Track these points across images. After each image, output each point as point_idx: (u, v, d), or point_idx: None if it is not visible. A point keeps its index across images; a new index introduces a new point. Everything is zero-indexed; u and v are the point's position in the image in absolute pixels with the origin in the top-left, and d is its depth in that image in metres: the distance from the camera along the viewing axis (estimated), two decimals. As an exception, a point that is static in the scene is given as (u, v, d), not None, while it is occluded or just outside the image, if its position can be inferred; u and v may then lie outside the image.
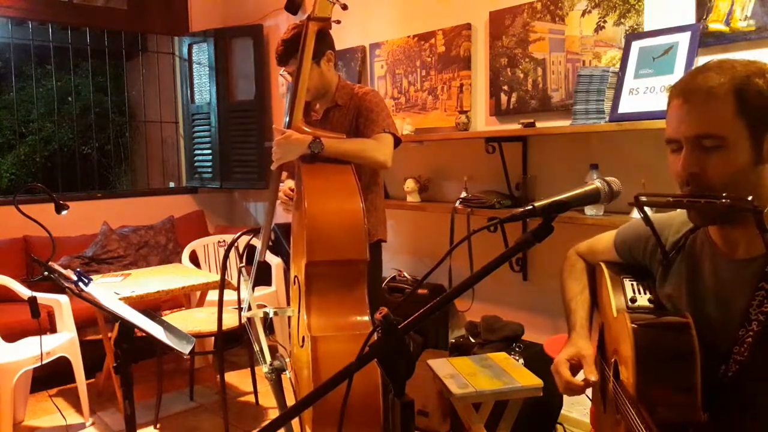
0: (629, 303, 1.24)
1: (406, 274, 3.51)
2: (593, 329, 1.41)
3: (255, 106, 4.71)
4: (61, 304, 3.16)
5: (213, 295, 3.60)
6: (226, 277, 2.91)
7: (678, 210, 1.25)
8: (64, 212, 2.86)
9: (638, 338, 1.11)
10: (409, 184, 3.39)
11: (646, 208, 1.17)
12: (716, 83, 1.05)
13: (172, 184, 5.38)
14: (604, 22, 2.66)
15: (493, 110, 3.14)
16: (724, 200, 0.99)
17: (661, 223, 1.26)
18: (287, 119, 2.28)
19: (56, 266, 1.69)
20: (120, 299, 2.13)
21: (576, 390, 1.26)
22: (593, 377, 1.24)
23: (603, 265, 1.38)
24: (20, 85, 6.51)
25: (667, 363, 1.10)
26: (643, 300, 1.24)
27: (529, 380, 2.25)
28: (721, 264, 1.14)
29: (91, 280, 1.69)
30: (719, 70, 1.07)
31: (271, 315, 2.31)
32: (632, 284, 1.29)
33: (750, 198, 0.97)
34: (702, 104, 1.05)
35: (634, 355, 1.10)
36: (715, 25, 2.32)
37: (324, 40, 2.29)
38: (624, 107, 2.47)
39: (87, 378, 3.18)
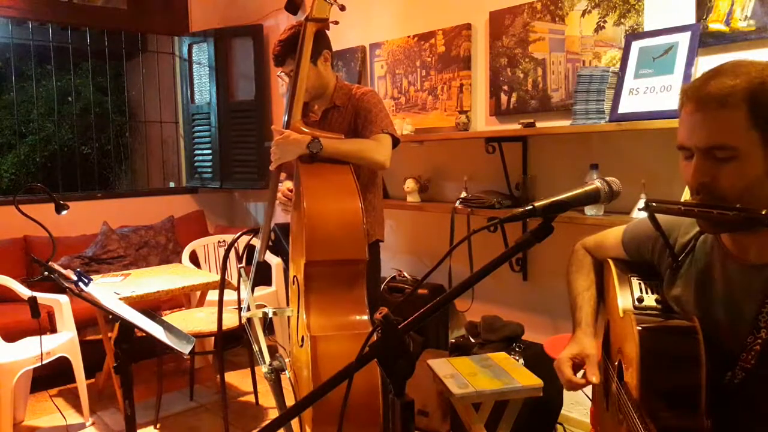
0: (636, 303, 1.23)
1: (406, 274, 3.51)
2: (599, 326, 1.40)
3: (255, 106, 4.71)
4: (61, 304, 3.16)
5: (213, 295, 3.60)
6: (226, 277, 2.91)
7: None
8: (64, 212, 2.86)
9: (644, 341, 1.10)
10: (409, 184, 3.39)
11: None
12: (729, 90, 1.00)
13: (172, 184, 5.38)
14: (604, 22, 2.66)
15: (493, 110, 3.13)
16: (736, 213, 0.97)
17: (669, 223, 1.23)
18: (286, 119, 2.28)
19: (56, 266, 1.69)
20: (120, 299, 2.13)
21: (577, 388, 1.27)
22: (595, 379, 1.24)
23: (611, 263, 1.37)
24: (20, 85, 6.51)
25: (672, 367, 1.09)
26: (650, 300, 1.23)
27: (529, 380, 2.25)
28: (732, 268, 1.12)
29: (91, 280, 1.69)
30: (733, 74, 1.02)
31: (270, 315, 2.30)
32: (640, 283, 1.28)
33: (764, 212, 0.94)
34: (714, 113, 1.01)
35: (638, 357, 1.09)
36: (715, 25, 2.32)
37: (321, 39, 2.29)
38: (624, 107, 2.47)
39: (87, 378, 3.18)
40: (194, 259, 4.20)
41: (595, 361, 1.27)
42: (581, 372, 1.29)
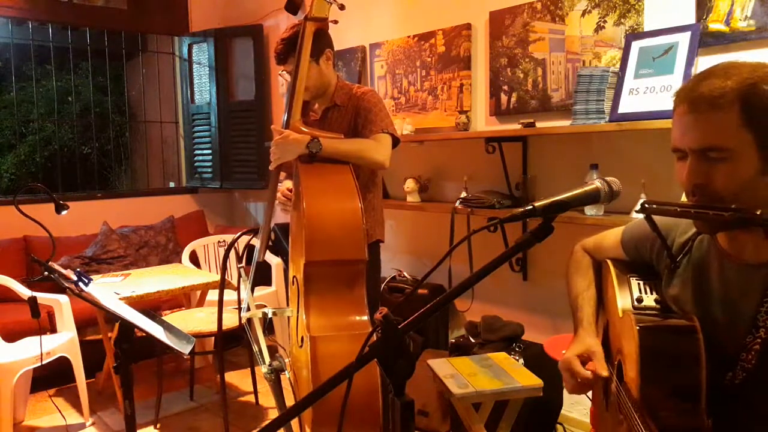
0: (635, 303, 1.23)
1: (406, 274, 3.51)
2: (598, 327, 1.40)
3: (255, 106, 4.71)
4: (61, 304, 3.16)
5: (213, 295, 3.60)
6: (226, 277, 2.91)
7: None
8: (64, 212, 2.86)
9: (643, 340, 1.10)
10: (409, 184, 3.39)
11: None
12: (721, 92, 1.00)
13: (172, 184, 5.38)
14: (604, 22, 2.66)
15: (493, 110, 3.13)
16: (732, 213, 0.97)
17: (667, 223, 1.23)
18: (285, 119, 2.28)
19: (56, 266, 1.69)
20: (120, 299, 2.13)
21: (587, 386, 1.25)
22: (605, 373, 1.23)
23: (609, 263, 1.37)
24: (20, 85, 6.51)
25: (672, 367, 1.09)
26: (650, 300, 1.23)
27: (529, 380, 2.25)
28: (729, 267, 1.12)
29: (91, 280, 1.69)
30: (725, 76, 1.02)
31: (270, 315, 2.30)
32: (639, 283, 1.27)
33: (759, 212, 0.94)
34: (706, 115, 1.02)
35: (638, 357, 1.09)
36: (715, 25, 2.32)
37: (322, 38, 2.29)
38: (624, 107, 2.47)
39: (87, 378, 3.18)
40: (194, 259, 4.20)
41: (602, 356, 1.26)
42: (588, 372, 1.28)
